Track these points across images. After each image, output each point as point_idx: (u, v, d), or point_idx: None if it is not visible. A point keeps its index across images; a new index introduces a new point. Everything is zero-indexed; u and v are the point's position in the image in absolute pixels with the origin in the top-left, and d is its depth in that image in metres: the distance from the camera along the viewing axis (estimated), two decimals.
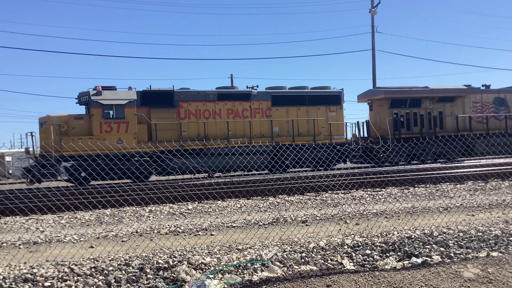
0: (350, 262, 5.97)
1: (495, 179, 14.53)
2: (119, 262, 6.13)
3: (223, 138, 21.51)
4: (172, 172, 20.09)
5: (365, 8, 39.88)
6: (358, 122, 26.62)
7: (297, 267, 5.77)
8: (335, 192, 13.02)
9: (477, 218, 8.39)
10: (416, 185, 14.16)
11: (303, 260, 5.98)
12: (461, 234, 7.04)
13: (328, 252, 6.28)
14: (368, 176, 15.19)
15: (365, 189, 13.40)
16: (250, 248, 6.78)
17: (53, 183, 18.20)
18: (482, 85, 28.62)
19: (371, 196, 12.36)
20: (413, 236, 6.96)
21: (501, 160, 20.08)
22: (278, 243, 7.00)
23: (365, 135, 26.12)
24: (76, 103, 21.66)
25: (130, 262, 6.08)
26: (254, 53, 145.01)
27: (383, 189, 13.55)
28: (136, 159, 19.02)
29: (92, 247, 7.45)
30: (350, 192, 12.94)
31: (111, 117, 20.31)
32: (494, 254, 6.03)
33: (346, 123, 25.08)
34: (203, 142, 21.21)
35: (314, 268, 5.74)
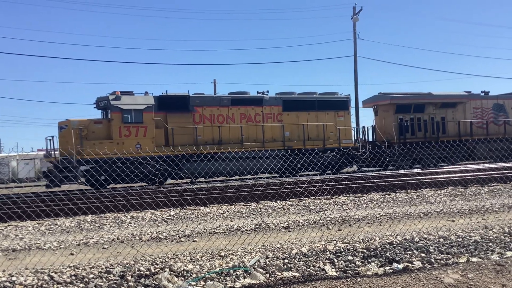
0: (332, 268, 5.98)
1: (475, 185, 14.73)
2: (99, 270, 6.06)
3: (237, 142, 22.29)
4: (188, 176, 20.46)
5: (348, 15, 40.00)
6: (364, 127, 27.28)
7: (279, 273, 5.77)
8: (317, 198, 13.07)
9: (457, 224, 8.50)
10: (397, 191, 14.27)
11: (285, 267, 5.98)
12: (441, 239, 7.12)
13: (310, 258, 6.29)
14: (350, 182, 15.27)
15: (347, 195, 13.47)
16: (232, 254, 6.75)
17: (72, 187, 18.32)
18: (481, 92, 29.48)
19: (353, 202, 12.43)
20: (394, 242, 7.01)
21: (480, 166, 20.37)
22: (260, 249, 6.99)
23: (370, 139, 26.80)
24: (94, 107, 22.06)
25: (111, 270, 6.01)
26: (238, 58, 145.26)
27: (364, 195, 13.64)
28: (154, 163, 19.24)
29: (72, 254, 7.35)
30: (332, 198, 13.00)
31: (130, 121, 20.70)
32: (474, 259, 6.11)
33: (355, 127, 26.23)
34: (218, 147, 21.60)
35: (297, 274, 5.75)
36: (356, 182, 15.47)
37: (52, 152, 19.99)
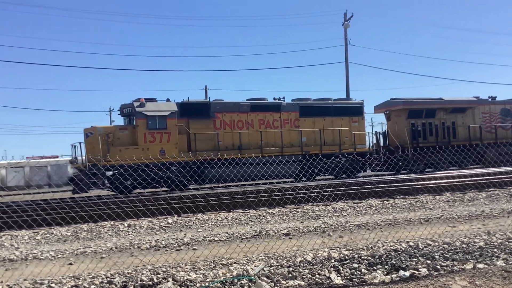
0: (338, 276, 5.89)
1: (472, 190, 14.73)
2: (100, 280, 5.93)
3: (256, 147, 22.81)
4: (211, 181, 20.73)
5: (340, 22, 40.18)
6: (376, 132, 27.62)
7: (284, 282, 5.66)
8: (315, 204, 12.99)
9: (458, 230, 8.45)
10: (395, 197, 14.22)
11: (290, 275, 5.88)
12: (446, 246, 7.05)
13: (315, 266, 6.19)
14: (349, 188, 15.18)
15: (345, 201, 13.39)
16: (235, 262, 6.64)
17: (94, 192, 18.82)
18: (489, 97, 30.05)
19: (352, 208, 12.36)
20: (399, 249, 6.93)
21: (478, 171, 20.41)
22: (263, 257, 6.89)
23: (383, 144, 27.16)
24: (119, 114, 22.71)
25: (112, 280, 5.88)
26: (229, 64, 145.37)
27: (363, 201, 13.57)
28: (176, 168, 19.65)
29: (71, 264, 7.21)
30: (330, 204, 12.92)
31: (154, 127, 20.99)
32: (480, 266, 6.03)
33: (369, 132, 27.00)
34: (239, 152, 21.98)
35: (302, 283, 5.64)
36: (354, 188, 15.38)
37: (79, 158, 20.48)
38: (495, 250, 6.70)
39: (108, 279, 6.06)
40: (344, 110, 25.57)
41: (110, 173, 19.37)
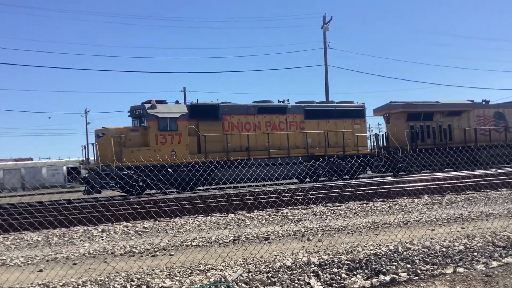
0: (317, 281, 5.75)
1: (450, 193, 14.79)
2: (71, 287, 5.68)
3: (263, 149, 23.38)
4: (219, 182, 21.13)
5: (319, 24, 40.32)
6: (376, 134, 28.46)
7: None
8: (295, 208, 12.86)
9: (438, 233, 8.40)
10: (374, 200, 14.18)
11: (269, 281, 5.71)
12: (425, 249, 6.98)
13: (294, 272, 6.04)
14: (329, 191, 15.10)
15: (325, 204, 13.29)
16: (212, 268, 6.45)
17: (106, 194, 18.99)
18: (482, 100, 31.21)
19: (332, 211, 12.26)
20: (379, 253, 6.83)
21: (458, 174, 20.58)
22: (242, 262, 6.71)
23: (382, 146, 27.85)
24: (129, 116, 22.88)
25: (84, 287, 5.63)
26: (208, 66, 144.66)
27: (342, 204, 13.49)
28: (187, 169, 19.82)
29: (41, 270, 6.91)
30: (310, 208, 12.80)
31: (165, 129, 21.31)
32: (461, 270, 5.97)
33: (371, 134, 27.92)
34: (246, 153, 22.62)
35: None
36: (334, 191, 15.32)
37: (86, 160, 21.01)
38: (475, 254, 6.65)
39: (80, 286, 5.83)
40: (347, 113, 26.20)
41: (124, 173, 19.50)
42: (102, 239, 9.87)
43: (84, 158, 21.38)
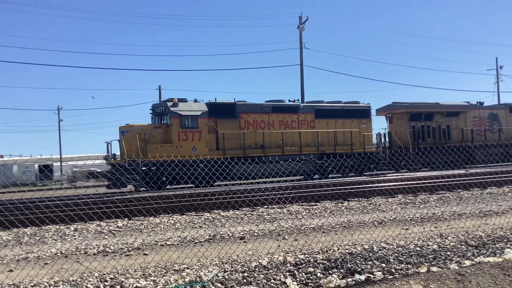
0: (293, 281, 5.74)
1: (424, 193, 15.00)
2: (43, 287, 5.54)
3: (277, 147, 24.48)
4: (237, 177, 21.81)
5: (295, 24, 40.46)
6: (379, 133, 29.18)
7: None
8: (271, 207, 12.85)
9: (412, 232, 8.49)
10: (349, 199, 14.28)
11: (245, 281, 5.68)
12: (400, 249, 7.04)
13: (270, 271, 6.02)
14: (305, 191, 15.13)
15: (300, 204, 13.31)
16: (188, 268, 6.38)
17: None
18: (477, 102, 32.86)
19: (307, 211, 12.29)
20: (354, 252, 6.87)
21: (431, 174, 20.92)
22: (217, 262, 6.66)
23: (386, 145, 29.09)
24: (150, 113, 23.68)
25: None
26: (183, 65, 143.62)
27: (318, 203, 13.54)
28: (207, 166, 20.29)
29: (11, 270, 6.73)
30: (286, 207, 12.81)
31: (187, 126, 22.24)
32: (434, 269, 6.03)
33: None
34: (262, 151, 23.76)
35: None
36: (309, 190, 15.35)
37: (109, 155, 22.00)
38: (448, 253, 6.74)
39: (52, 287, 5.69)
40: (354, 113, 27.35)
41: (146, 168, 20.14)
42: (75, 238, 9.68)
43: (110, 153, 22.29)
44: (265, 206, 12.90)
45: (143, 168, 19.95)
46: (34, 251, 8.26)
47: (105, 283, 5.68)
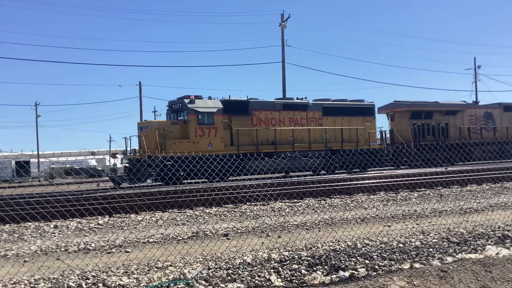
0: (278, 278, 5.73)
1: (405, 190, 15.14)
2: (23, 286, 5.48)
3: (287, 143, 25.29)
4: (250, 172, 22.64)
5: (277, 22, 40.46)
6: (381, 131, 30.16)
7: (223, 285, 5.43)
8: (254, 204, 12.83)
9: (395, 229, 8.55)
10: (332, 196, 14.34)
11: (229, 278, 5.65)
12: (383, 245, 7.09)
13: (255, 268, 6.00)
14: (288, 188, 15.13)
15: (283, 201, 13.32)
16: (171, 265, 6.32)
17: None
18: (472, 101, 34.57)
19: (290, 208, 12.30)
20: (338, 249, 6.89)
21: (410, 171, 21.16)
22: (201, 259, 6.61)
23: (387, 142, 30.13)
24: (168, 110, 24.41)
25: (36, 286, 5.42)
26: (165, 61, 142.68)
27: (301, 201, 13.57)
28: (222, 161, 20.47)
29: None
30: (269, 204, 12.81)
31: (204, 123, 22.92)
32: (417, 265, 6.08)
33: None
34: (274, 147, 24.60)
35: (242, 286, 5.44)
36: (293, 187, 15.36)
37: (127, 151, 22.59)
38: (431, 249, 6.80)
39: (32, 285, 5.59)
40: (359, 111, 28.29)
41: (169, 164, 20.30)
42: (55, 236, 9.53)
43: (129, 148, 22.99)
44: (249, 203, 12.88)
45: (168, 162, 20.32)
46: (13, 249, 8.11)
47: (87, 281, 5.59)
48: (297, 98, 27.12)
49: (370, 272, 5.90)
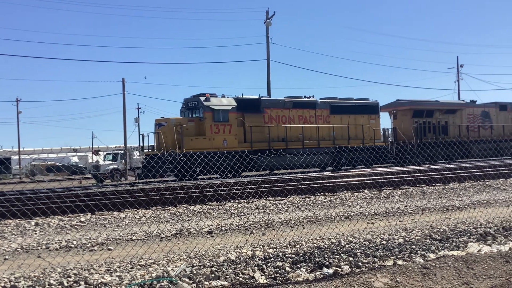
0: (262, 275, 5.71)
1: (388, 188, 15.24)
2: (3, 284, 5.36)
3: (296, 140, 25.94)
4: (262, 168, 23.46)
5: (262, 19, 40.39)
6: (384, 129, 30.67)
7: (207, 283, 5.40)
8: (238, 201, 12.80)
9: (379, 226, 8.60)
10: (316, 194, 14.36)
11: (213, 275, 5.62)
12: (366, 242, 7.12)
13: (239, 266, 5.98)
14: (272, 185, 15.11)
15: (267, 198, 13.31)
16: (154, 263, 6.27)
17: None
18: (470, 100, 35.51)
19: (274, 205, 12.30)
20: (322, 246, 6.90)
21: (393, 169, 21.31)
22: (184, 257, 6.57)
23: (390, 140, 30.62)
24: (183, 107, 25.02)
25: (17, 284, 5.33)
26: (148, 57, 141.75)
27: (285, 198, 13.57)
28: (235, 157, 20.99)
29: None
30: (253, 201, 12.79)
31: (219, 120, 23.53)
32: (400, 262, 6.12)
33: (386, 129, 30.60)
34: (285, 144, 25.20)
35: (226, 283, 5.41)
36: (276, 185, 15.35)
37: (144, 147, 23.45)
38: (414, 246, 6.85)
39: (12, 283, 5.49)
40: (365, 109, 28.98)
41: (184, 159, 20.82)
42: (36, 233, 9.39)
43: (147, 144, 23.74)
44: (232, 201, 12.84)
45: (179, 158, 20.87)
46: None
47: (69, 278, 5.51)
48: (305, 97, 27.57)
49: (353, 269, 5.92)
